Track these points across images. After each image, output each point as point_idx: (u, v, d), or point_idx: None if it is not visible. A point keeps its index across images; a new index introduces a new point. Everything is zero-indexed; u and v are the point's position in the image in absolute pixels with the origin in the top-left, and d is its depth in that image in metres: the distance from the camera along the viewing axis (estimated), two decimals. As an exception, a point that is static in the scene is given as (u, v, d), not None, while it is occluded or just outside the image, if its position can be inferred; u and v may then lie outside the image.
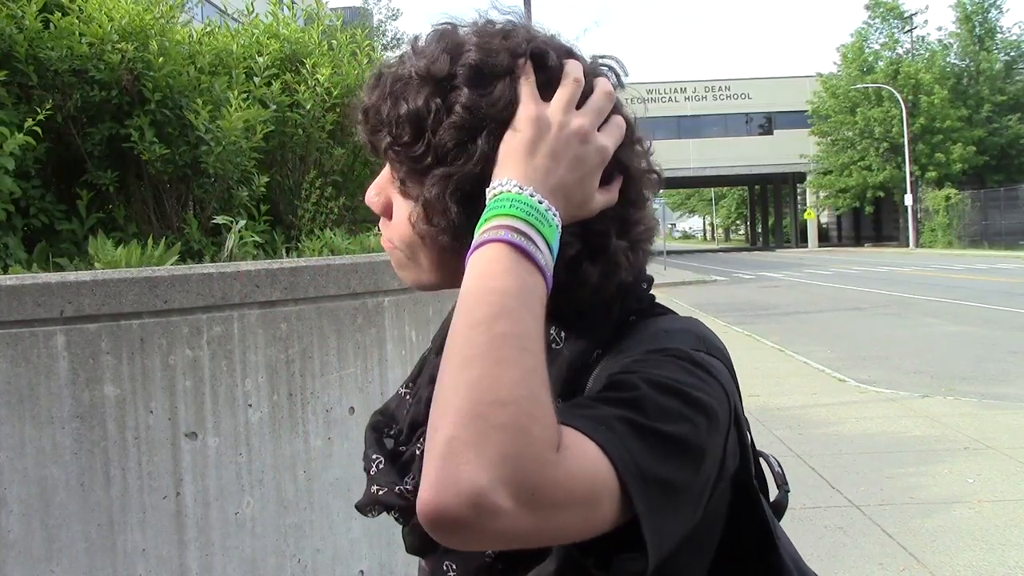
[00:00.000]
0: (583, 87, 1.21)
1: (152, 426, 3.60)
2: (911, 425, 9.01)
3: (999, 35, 65.88)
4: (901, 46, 67.58)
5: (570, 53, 1.27)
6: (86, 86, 6.06)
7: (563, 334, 1.27)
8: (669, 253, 52.66)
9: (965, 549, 5.65)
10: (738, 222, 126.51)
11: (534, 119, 1.16)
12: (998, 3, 64.99)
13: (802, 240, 76.49)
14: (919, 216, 60.93)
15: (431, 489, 0.93)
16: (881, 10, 67.00)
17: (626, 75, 1.35)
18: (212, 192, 6.47)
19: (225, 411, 3.77)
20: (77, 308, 3.48)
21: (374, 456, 1.40)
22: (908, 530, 5.97)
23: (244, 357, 3.81)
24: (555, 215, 1.13)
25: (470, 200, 1.18)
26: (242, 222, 5.74)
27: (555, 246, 1.12)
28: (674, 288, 32.69)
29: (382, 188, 1.35)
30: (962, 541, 5.78)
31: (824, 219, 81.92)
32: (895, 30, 67.72)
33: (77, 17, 6.12)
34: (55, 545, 3.51)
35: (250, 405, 3.84)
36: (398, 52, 1.35)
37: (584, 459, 1.00)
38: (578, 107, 1.20)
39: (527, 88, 1.18)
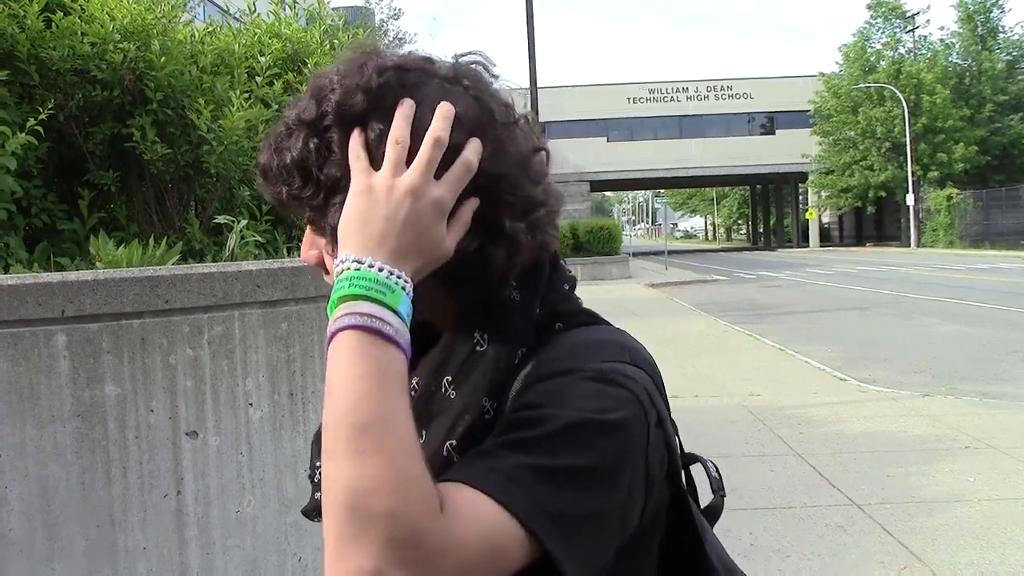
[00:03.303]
0: (424, 121, 1.22)
1: (153, 425, 3.61)
2: (912, 424, 9.01)
3: (1001, 35, 65.85)
4: (903, 46, 67.53)
5: (418, 82, 1.28)
6: (88, 86, 6.06)
7: (487, 336, 1.29)
8: (670, 253, 52.59)
9: (966, 548, 5.66)
10: (740, 222, 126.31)
11: (364, 189, 1.20)
12: (1000, 3, 65.01)
13: (803, 240, 76.41)
14: (921, 216, 60.88)
15: None
16: (883, 10, 66.93)
17: (493, 66, 1.36)
18: (214, 192, 6.48)
19: (226, 410, 3.78)
20: (78, 308, 3.49)
21: (317, 464, 1.43)
22: (909, 529, 5.97)
23: (245, 356, 3.82)
24: (399, 277, 1.17)
25: None
26: (244, 222, 5.74)
27: (404, 308, 1.16)
28: (675, 287, 32.68)
29: (312, 242, 1.41)
30: (963, 540, 5.78)
31: (826, 219, 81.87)
32: (897, 30, 67.66)
33: (79, 17, 6.13)
34: (56, 544, 3.52)
35: (251, 404, 3.84)
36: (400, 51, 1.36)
37: (476, 518, 1.06)
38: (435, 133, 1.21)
39: (355, 160, 1.23)
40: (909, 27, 67.92)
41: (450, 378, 1.28)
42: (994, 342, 15.40)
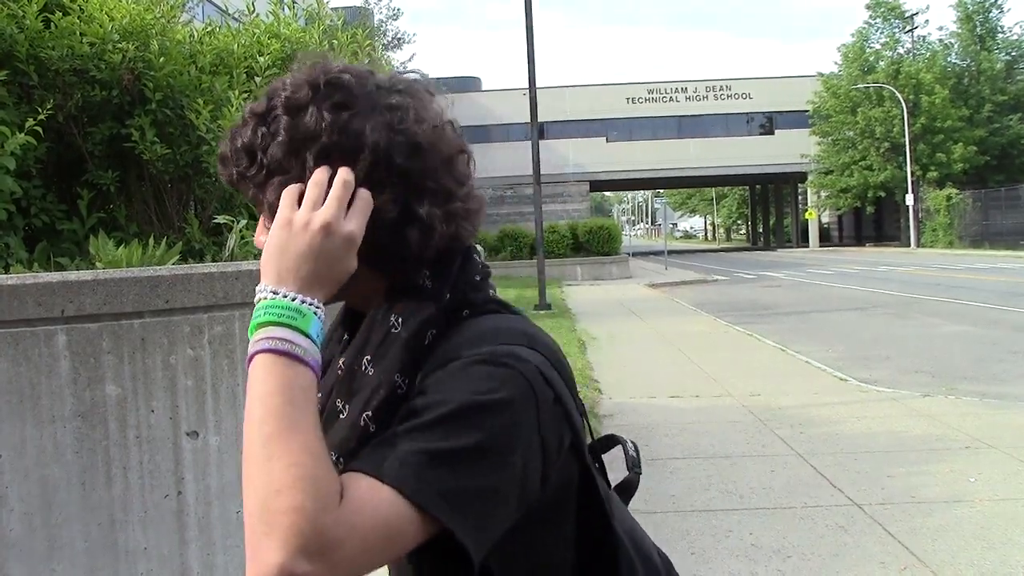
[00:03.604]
0: (352, 125, 1.39)
1: (153, 425, 3.60)
2: (912, 424, 9.00)
3: (1000, 35, 65.82)
4: (902, 46, 67.50)
5: (356, 85, 1.44)
6: (87, 86, 6.06)
7: (400, 320, 1.43)
8: (670, 253, 52.55)
9: (967, 548, 5.65)
10: (739, 222, 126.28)
11: (284, 224, 1.34)
12: (999, 3, 65.00)
13: (803, 240, 76.37)
14: (920, 216, 60.89)
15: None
16: (882, 10, 66.94)
17: (426, 79, 1.60)
18: (213, 192, 6.47)
19: (226, 410, 3.77)
20: (78, 307, 3.48)
21: None
22: (909, 529, 5.96)
23: (246, 356, 3.81)
24: (311, 304, 1.32)
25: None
26: (243, 222, 5.73)
27: (314, 330, 1.31)
28: (675, 288, 32.67)
29: (263, 230, 1.52)
30: (964, 540, 5.77)
31: (825, 219, 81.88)
32: (896, 30, 67.62)
33: (78, 17, 6.12)
34: (56, 544, 3.51)
35: (251, 404, 3.83)
36: (399, 51, 1.42)
37: (373, 505, 1.20)
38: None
39: (285, 194, 1.38)
40: (908, 27, 67.90)
41: (369, 357, 1.44)
42: (995, 342, 15.40)
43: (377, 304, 1.47)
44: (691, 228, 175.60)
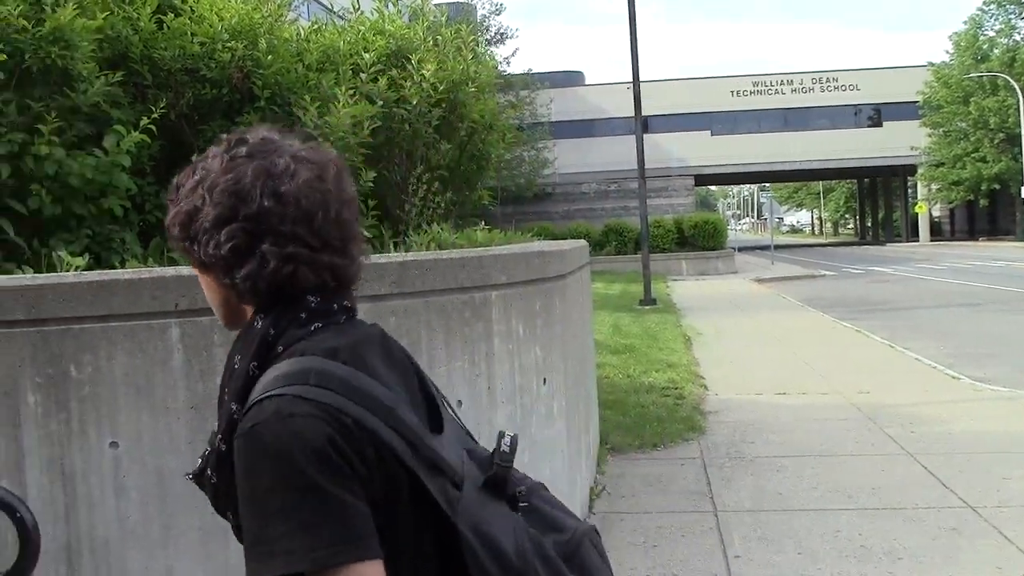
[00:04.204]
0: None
1: (264, 417, 3.65)
2: (1029, 424, 8.73)
3: (1122, 19, 63.68)
4: (1018, 32, 65.65)
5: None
6: (198, 84, 6.19)
7: (238, 356, 1.65)
8: (777, 247, 51.87)
9: (1088, 552, 5.45)
10: (847, 216, 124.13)
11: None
12: (1121, -14, 62.84)
13: (913, 234, 74.77)
14: (1036, 209, 59.24)
15: None
16: (997, -4, 65.21)
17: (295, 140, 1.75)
18: (320, 188, 6.55)
19: (334, 403, 3.80)
20: (191, 301, 3.55)
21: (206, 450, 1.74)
22: (1027, 532, 5.77)
23: (353, 349, 3.84)
24: None
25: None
26: (349, 217, 5.79)
27: None
28: (782, 283, 32.22)
29: None
30: (1085, 544, 5.58)
31: (936, 212, 79.88)
32: (1012, 15, 65.77)
33: (189, 17, 6.25)
34: (172, 532, 3.59)
35: (359, 397, 3.86)
36: (502, 47, 1.42)
37: None
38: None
39: None
40: (1024, 13, 65.98)
41: (227, 388, 1.66)
42: (1116, 338, 14.88)
43: (239, 325, 1.72)
44: (798, 222, 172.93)
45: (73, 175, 5.16)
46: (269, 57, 6.23)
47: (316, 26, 7.61)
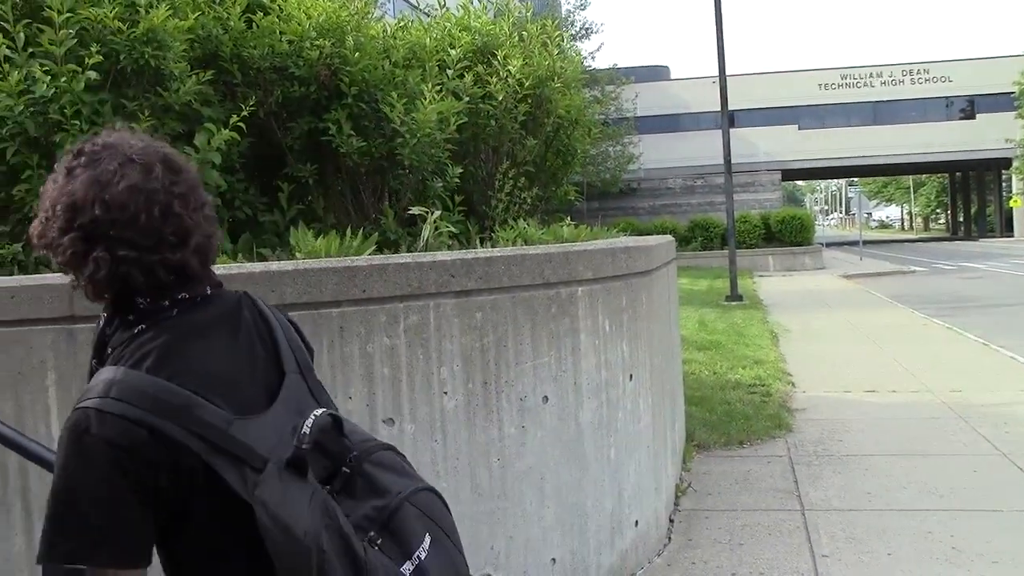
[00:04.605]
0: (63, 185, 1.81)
1: (351, 412, 3.67)
2: None
3: None
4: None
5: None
6: (286, 82, 6.25)
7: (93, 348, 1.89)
8: (865, 243, 51.01)
9: None
10: (938, 211, 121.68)
11: None
12: None
13: (1007, 229, 72.99)
14: None
15: None
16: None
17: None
18: (407, 183, 6.59)
19: (421, 398, 3.82)
20: (280, 296, 3.58)
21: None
22: None
23: (440, 345, 3.85)
24: None
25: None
26: (437, 213, 5.81)
27: None
28: (871, 279, 31.69)
29: None
30: None
31: (1032, 207, 78.11)
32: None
33: (278, 16, 6.32)
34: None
35: (445, 393, 3.88)
36: (587, 41, 1.40)
37: None
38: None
39: None
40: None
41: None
42: None
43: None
44: (887, 217, 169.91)
45: (165, 172, 5.23)
46: (356, 54, 6.27)
47: (402, 23, 7.65)
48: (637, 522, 4.91)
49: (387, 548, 1.77)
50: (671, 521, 5.76)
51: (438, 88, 6.47)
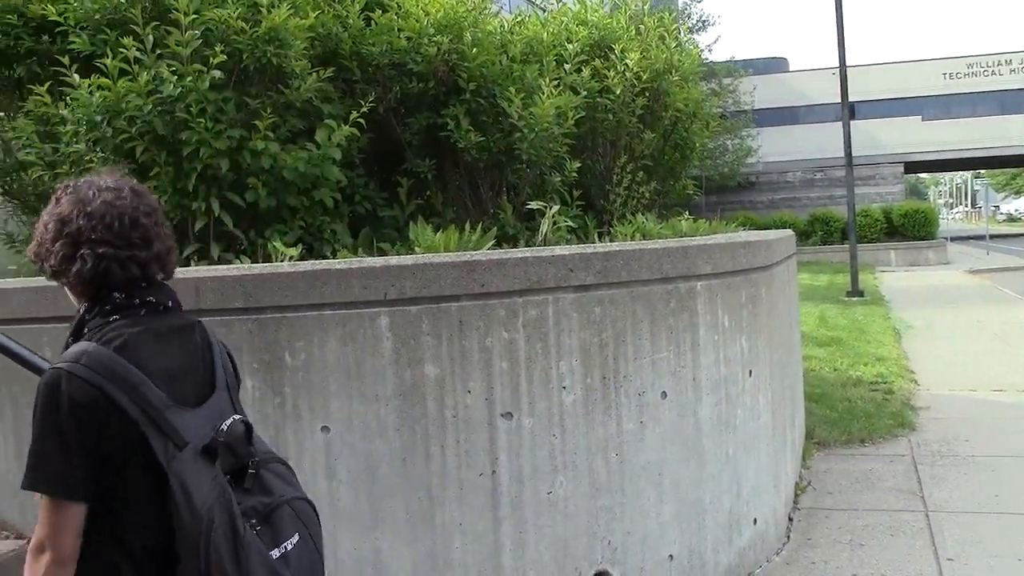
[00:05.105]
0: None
1: (470, 405, 3.70)
2: None
3: None
4: None
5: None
6: (405, 79, 6.32)
7: (69, 330, 2.32)
8: (992, 237, 49.52)
9: None
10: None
11: None
12: None
13: None
14: None
15: None
16: None
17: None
18: (525, 178, 6.60)
19: (540, 392, 3.82)
20: (400, 291, 3.62)
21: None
22: None
23: (559, 340, 3.85)
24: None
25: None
26: (555, 207, 5.81)
27: None
28: (998, 274, 30.72)
29: None
30: None
31: None
32: None
33: (396, 13, 6.39)
34: (380, 515, 3.68)
35: (564, 387, 3.88)
36: (704, 34, 1.38)
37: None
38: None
39: None
40: None
41: None
42: None
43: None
44: (1016, 211, 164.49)
45: (287, 169, 5.35)
46: (474, 50, 6.31)
47: (519, 18, 7.67)
48: (756, 520, 4.85)
49: (263, 535, 2.20)
50: (790, 520, 5.67)
51: (555, 83, 6.48)
